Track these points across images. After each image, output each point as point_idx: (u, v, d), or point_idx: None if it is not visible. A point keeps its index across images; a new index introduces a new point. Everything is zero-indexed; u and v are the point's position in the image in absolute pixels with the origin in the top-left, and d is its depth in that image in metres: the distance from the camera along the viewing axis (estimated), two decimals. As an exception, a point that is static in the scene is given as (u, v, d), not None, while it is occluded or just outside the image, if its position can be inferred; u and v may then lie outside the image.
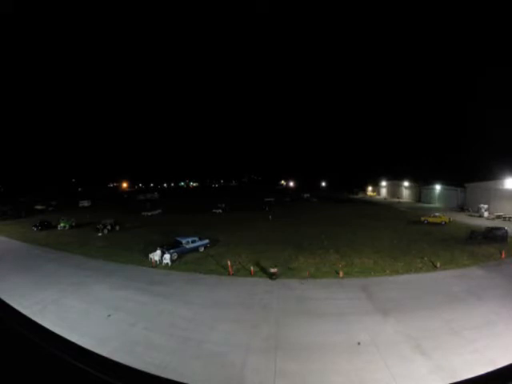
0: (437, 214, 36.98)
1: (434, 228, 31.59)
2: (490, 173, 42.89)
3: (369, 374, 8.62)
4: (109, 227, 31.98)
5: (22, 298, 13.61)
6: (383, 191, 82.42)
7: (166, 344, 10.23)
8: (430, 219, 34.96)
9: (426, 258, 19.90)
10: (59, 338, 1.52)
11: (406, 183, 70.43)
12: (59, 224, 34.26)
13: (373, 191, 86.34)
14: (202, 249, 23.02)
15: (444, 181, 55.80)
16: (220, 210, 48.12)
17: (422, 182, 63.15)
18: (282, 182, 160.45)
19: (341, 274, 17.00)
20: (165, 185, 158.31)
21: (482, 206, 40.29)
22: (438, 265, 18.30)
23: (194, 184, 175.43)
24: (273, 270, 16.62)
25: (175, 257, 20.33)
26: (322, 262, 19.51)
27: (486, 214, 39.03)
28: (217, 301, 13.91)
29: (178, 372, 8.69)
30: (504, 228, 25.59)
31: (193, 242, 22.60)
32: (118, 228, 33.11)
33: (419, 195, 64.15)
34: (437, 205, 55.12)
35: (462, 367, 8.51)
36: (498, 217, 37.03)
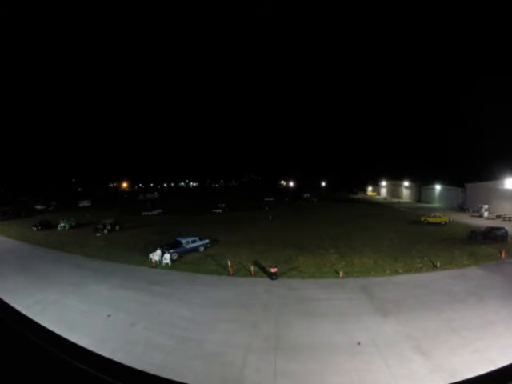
0: (437, 213, 36.96)
1: (433, 228, 31.60)
2: (490, 173, 42.89)
3: (369, 374, 8.62)
4: (109, 227, 31.95)
5: (22, 298, 13.59)
6: (383, 191, 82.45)
7: (166, 344, 10.23)
8: (430, 219, 34.95)
9: (426, 258, 19.91)
10: (59, 337, 1.51)
11: (405, 183, 70.42)
12: (59, 224, 34.22)
13: (373, 191, 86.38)
14: (202, 249, 23.02)
15: (444, 181, 55.78)
16: (220, 210, 48.04)
17: (422, 182, 63.16)
18: (282, 182, 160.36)
19: (341, 274, 17.02)
20: (165, 185, 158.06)
21: (481, 205, 40.27)
22: (438, 265, 18.30)
23: (194, 184, 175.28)
24: (272, 270, 16.62)
25: (175, 257, 20.34)
26: (322, 262, 19.52)
27: (486, 214, 39.00)
28: (217, 301, 13.91)
29: (178, 372, 8.70)
30: (504, 228, 25.58)
31: (193, 241, 22.60)
32: (117, 228, 33.09)
33: (419, 195, 64.15)
34: (437, 205, 55.10)
35: (462, 367, 8.51)
36: (498, 217, 37.01)
